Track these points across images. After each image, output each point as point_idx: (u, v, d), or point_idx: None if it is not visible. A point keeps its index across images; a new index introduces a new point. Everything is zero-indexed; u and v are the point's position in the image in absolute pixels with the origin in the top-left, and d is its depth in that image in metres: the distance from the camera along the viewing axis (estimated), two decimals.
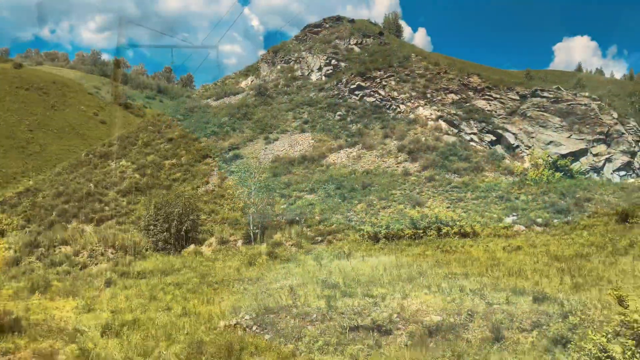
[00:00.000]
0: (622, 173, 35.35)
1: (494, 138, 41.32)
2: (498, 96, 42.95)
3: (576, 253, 18.41)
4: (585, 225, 29.00)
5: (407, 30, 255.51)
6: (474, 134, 41.90)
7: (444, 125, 43.60)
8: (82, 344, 10.98)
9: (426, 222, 29.48)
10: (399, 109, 47.65)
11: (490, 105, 42.83)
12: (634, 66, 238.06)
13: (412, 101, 47.05)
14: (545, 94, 40.33)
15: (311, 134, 47.09)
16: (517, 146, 39.64)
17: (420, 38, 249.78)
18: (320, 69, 58.69)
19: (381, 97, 50.01)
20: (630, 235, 23.24)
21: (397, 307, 12.05)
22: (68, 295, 17.41)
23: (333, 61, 58.21)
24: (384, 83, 50.56)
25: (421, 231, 28.99)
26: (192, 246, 30.29)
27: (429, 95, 46.41)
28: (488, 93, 43.55)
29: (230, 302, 14.41)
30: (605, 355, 6.44)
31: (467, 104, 44.04)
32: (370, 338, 10.96)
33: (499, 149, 40.97)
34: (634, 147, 36.20)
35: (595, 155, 36.29)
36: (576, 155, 37.13)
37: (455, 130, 42.93)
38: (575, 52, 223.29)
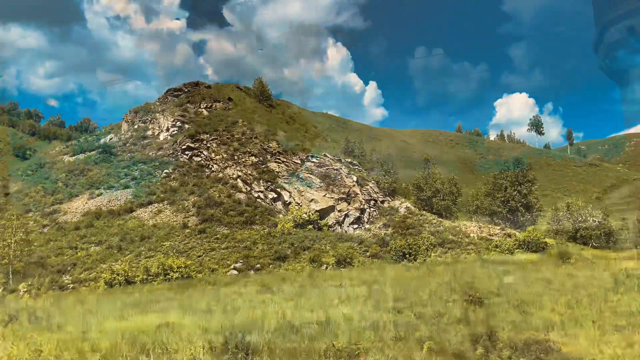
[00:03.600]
0: (355, 226, 42.79)
1: (275, 195, 48.33)
2: (285, 160, 50.45)
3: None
4: (287, 269, 35.78)
5: (358, 84, 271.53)
6: (261, 191, 48.82)
7: (240, 183, 50.44)
8: None
9: (160, 269, 35.26)
10: (213, 169, 54.34)
11: (279, 167, 50.18)
12: (566, 123, 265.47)
13: (224, 162, 53.93)
14: (314, 160, 48.14)
15: (131, 190, 52.67)
16: (290, 202, 46.69)
17: (371, 91, 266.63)
18: (168, 129, 65.18)
19: (204, 157, 56.72)
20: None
21: None
22: None
23: (179, 123, 64.92)
24: (208, 145, 57.44)
25: (152, 277, 34.70)
26: None
27: (236, 157, 53.48)
28: (278, 157, 51.05)
29: None
30: None
31: (263, 166, 51.26)
32: None
33: (279, 205, 47.93)
34: (364, 205, 43.99)
35: (339, 211, 43.72)
36: (328, 211, 44.45)
37: (248, 188, 49.78)
38: (514, 108, 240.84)
